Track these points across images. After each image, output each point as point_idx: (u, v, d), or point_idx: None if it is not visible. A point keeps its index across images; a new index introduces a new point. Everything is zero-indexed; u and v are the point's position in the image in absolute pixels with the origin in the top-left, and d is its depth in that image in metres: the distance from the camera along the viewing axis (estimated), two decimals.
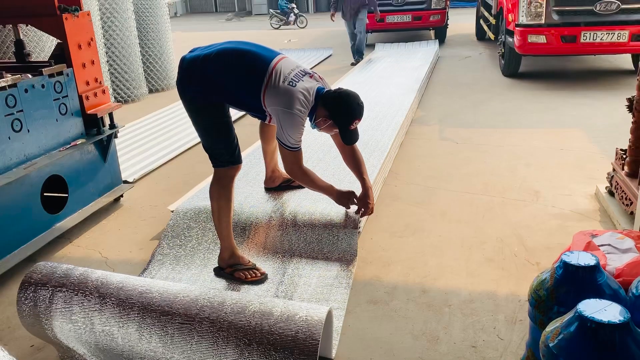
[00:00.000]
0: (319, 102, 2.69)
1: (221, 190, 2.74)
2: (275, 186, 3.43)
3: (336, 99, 2.69)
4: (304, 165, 2.82)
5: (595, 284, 1.76)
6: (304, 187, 3.27)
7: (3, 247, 2.91)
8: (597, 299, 1.52)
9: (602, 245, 2.29)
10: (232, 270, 2.78)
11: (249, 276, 2.76)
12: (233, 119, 2.81)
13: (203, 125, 2.72)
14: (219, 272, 2.83)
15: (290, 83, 2.60)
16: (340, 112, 2.69)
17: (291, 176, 2.91)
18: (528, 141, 4.78)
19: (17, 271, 2.93)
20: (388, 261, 2.94)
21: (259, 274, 2.78)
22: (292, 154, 2.71)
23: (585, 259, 1.79)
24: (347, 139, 2.81)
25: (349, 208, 3.01)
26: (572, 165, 4.18)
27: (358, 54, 9.23)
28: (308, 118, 2.72)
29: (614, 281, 1.87)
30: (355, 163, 2.98)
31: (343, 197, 2.96)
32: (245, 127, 5.12)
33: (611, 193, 3.43)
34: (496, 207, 3.53)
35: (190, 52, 2.74)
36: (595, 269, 1.77)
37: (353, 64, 8.95)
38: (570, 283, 1.77)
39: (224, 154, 2.70)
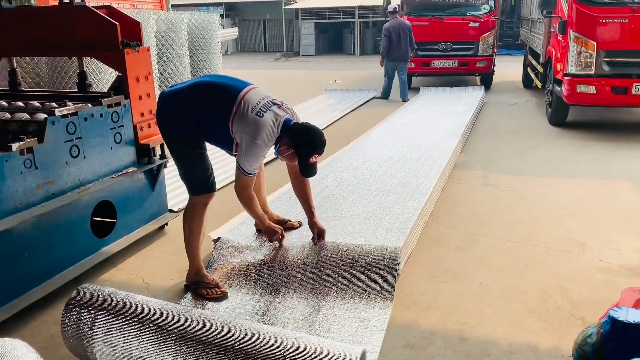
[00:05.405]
0: (285, 132, 2.85)
1: (194, 216, 2.99)
2: None
3: (300, 131, 2.87)
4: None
5: None
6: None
7: (52, 267, 3.03)
8: None
9: None
10: (196, 287, 3.01)
11: (210, 293, 2.96)
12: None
13: (179, 155, 2.96)
14: (187, 288, 3.07)
15: (258, 113, 2.76)
16: (302, 144, 2.86)
17: (238, 196, 2.99)
18: (574, 191, 4.67)
19: (63, 291, 3.03)
20: (427, 306, 2.89)
21: (220, 292, 2.98)
22: (247, 178, 2.89)
23: (635, 316, 1.73)
24: (304, 171, 2.95)
25: (272, 241, 3.23)
26: (620, 218, 4.05)
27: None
28: (273, 145, 2.88)
29: None
30: (304, 193, 3.23)
31: (270, 230, 3.20)
32: None
33: None
34: (539, 256, 3.44)
35: (170, 87, 2.99)
36: None
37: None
38: (618, 340, 1.71)
39: (198, 183, 2.94)
